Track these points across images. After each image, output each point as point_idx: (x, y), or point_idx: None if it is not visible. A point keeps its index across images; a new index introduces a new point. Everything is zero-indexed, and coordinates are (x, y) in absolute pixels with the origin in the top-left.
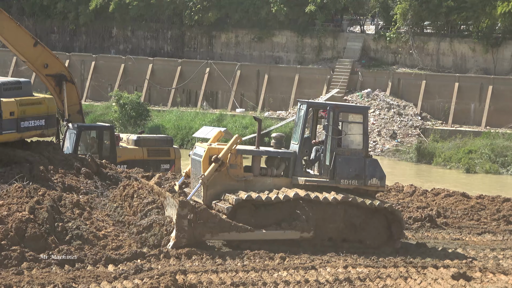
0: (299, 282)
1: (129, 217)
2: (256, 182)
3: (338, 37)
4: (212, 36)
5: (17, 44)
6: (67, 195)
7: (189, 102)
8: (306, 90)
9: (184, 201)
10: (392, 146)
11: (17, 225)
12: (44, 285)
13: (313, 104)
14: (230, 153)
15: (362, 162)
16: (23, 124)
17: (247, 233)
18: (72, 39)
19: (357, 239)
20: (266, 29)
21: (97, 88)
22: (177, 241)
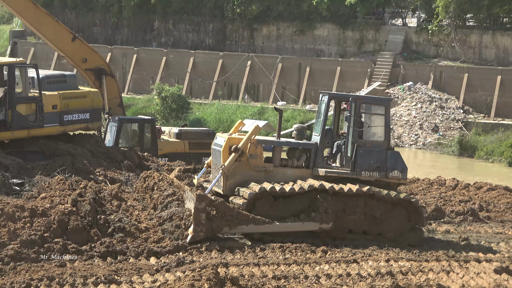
0: (340, 275)
1: (150, 209)
2: (277, 173)
3: (380, 30)
4: (254, 29)
5: (55, 39)
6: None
7: (230, 95)
8: (347, 83)
9: (201, 194)
10: (434, 139)
11: (59, 217)
12: (87, 278)
13: (335, 95)
14: (250, 143)
15: (383, 154)
16: (66, 117)
17: (266, 225)
18: (114, 32)
19: (377, 231)
20: (308, 22)
21: (138, 81)
22: (194, 234)
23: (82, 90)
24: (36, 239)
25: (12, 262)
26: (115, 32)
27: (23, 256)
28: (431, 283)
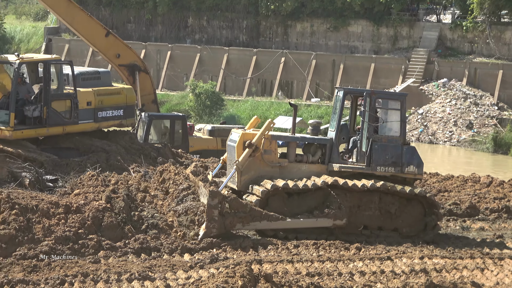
0: (374, 272)
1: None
2: (291, 169)
3: (414, 26)
4: (288, 25)
5: (88, 35)
6: (133, 181)
7: (264, 91)
8: (381, 79)
9: (214, 191)
10: (468, 136)
11: (94, 214)
12: (121, 274)
13: (350, 90)
14: (264, 139)
15: (399, 149)
16: (100, 114)
17: (279, 222)
18: (148, 29)
19: (392, 226)
20: (342, 18)
21: (172, 77)
22: (207, 231)
23: (116, 87)
24: (70, 235)
25: (46, 258)
26: (149, 29)
27: (57, 252)
28: (465, 280)
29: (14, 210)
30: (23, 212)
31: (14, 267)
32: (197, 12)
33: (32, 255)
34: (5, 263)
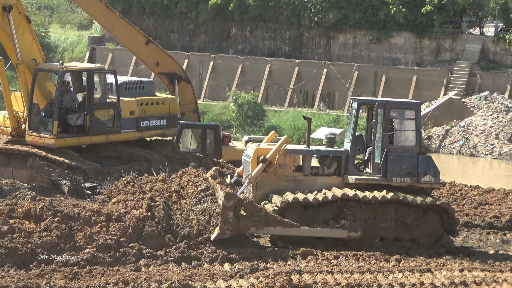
0: (414, 284)
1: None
2: (307, 182)
3: (457, 38)
4: (330, 37)
5: (128, 42)
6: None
7: (305, 102)
8: (423, 92)
9: (230, 193)
10: (510, 149)
11: (135, 223)
12: (161, 282)
13: (364, 101)
14: (279, 154)
15: (415, 159)
16: (143, 123)
17: (293, 229)
18: (191, 39)
19: (409, 237)
20: (384, 30)
21: (215, 87)
22: (220, 232)
23: (160, 97)
24: (112, 243)
25: (87, 266)
26: (192, 39)
27: (99, 260)
28: None
29: (57, 218)
30: (65, 219)
31: (56, 274)
32: (240, 22)
33: (73, 262)
34: (47, 269)
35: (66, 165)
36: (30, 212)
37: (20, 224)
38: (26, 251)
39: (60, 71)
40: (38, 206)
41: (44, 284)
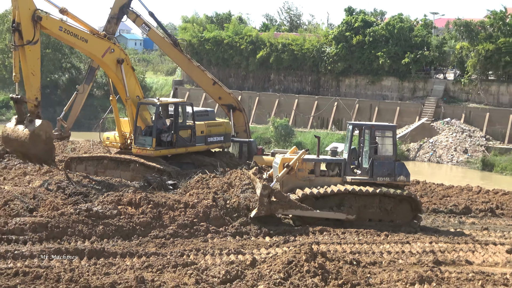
0: (397, 252)
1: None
2: (317, 180)
3: (427, 81)
4: (339, 80)
5: (201, 83)
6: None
7: (322, 125)
8: (404, 118)
9: (266, 184)
10: (464, 158)
11: (204, 209)
12: (222, 250)
13: (357, 124)
14: (298, 162)
15: (392, 165)
16: (209, 139)
17: (308, 211)
18: (243, 82)
19: (389, 219)
20: (377, 75)
21: (259, 115)
22: (258, 212)
23: (219, 121)
24: (188, 223)
25: (171, 238)
26: (244, 82)
27: (179, 234)
28: (461, 259)
29: (150, 205)
30: (156, 206)
31: (149, 243)
32: (276, 70)
33: (161, 235)
34: (144, 240)
35: (157, 168)
36: (131, 201)
37: (125, 209)
38: (129, 228)
39: (157, 104)
40: (137, 196)
41: (141, 250)
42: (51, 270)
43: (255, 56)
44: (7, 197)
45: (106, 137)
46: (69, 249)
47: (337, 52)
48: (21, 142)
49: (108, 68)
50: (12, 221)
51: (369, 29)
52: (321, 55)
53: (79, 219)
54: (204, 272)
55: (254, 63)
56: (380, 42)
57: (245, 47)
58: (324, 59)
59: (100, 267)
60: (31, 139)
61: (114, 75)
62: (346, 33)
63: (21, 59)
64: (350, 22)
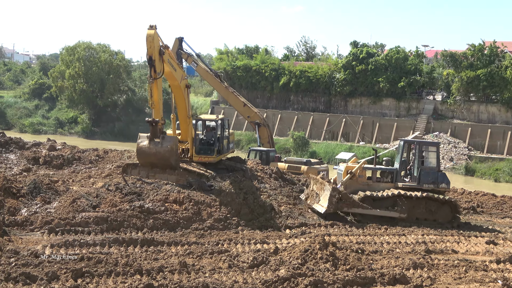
0: (395, 242)
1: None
2: (374, 185)
3: (419, 101)
4: (347, 100)
5: (234, 105)
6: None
7: (332, 138)
8: (400, 132)
9: (335, 187)
10: (450, 165)
11: (235, 207)
12: (250, 240)
13: (407, 140)
14: (359, 169)
15: (436, 174)
16: (230, 146)
17: (368, 210)
18: (268, 101)
19: (433, 218)
20: (378, 97)
21: (281, 129)
22: (327, 209)
23: (231, 131)
24: (222, 217)
25: (208, 230)
26: (268, 102)
27: (215, 227)
28: (448, 248)
29: (191, 202)
30: (196, 204)
31: (190, 234)
32: (295, 92)
33: (200, 228)
34: (186, 232)
35: (197, 172)
36: (176, 199)
37: (171, 206)
38: (174, 221)
39: (216, 120)
40: (181, 195)
41: (184, 240)
42: (110, 256)
43: (278, 81)
44: (74, 196)
45: None
46: (125, 239)
47: (345, 77)
48: (160, 155)
49: (180, 91)
50: (78, 215)
51: (371, 59)
52: (332, 80)
53: (133, 214)
54: (236, 258)
55: (277, 87)
56: (380, 70)
57: (269, 73)
58: (335, 83)
59: (150, 254)
60: (170, 151)
61: (182, 97)
62: (353, 62)
63: (154, 88)
64: (356, 54)
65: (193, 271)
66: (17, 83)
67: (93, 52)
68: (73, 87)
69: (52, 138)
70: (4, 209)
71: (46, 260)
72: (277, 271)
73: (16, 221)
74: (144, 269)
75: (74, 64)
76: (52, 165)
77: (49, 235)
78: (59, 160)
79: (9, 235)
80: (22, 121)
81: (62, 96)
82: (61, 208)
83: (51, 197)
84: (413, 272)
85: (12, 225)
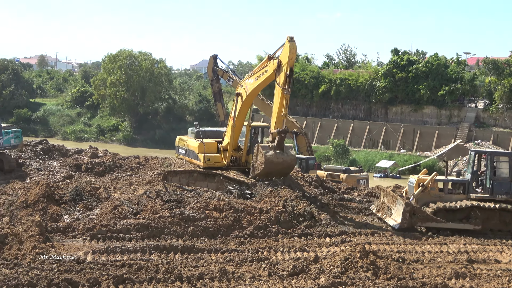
0: (436, 251)
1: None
2: (446, 197)
3: (461, 109)
4: (387, 108)
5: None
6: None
7: (372, 145)
8: (441, 140)
9: (408, 202)
10: None
11: (275, 214)
12: (290, 248)
13: (478, 151)
14: (431, 182)
15: (509, 185)
16: None
17: (442, 223)
18: (308, 109)
19: (508, 229)
20: (419, 104)
21: (321, 137)
22: (401, 225)
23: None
24: (262, 225)
25: (248, 238)
26: (308, 109)
27: (254, 234)
28: (491, 258)
29: (231, 210)
30: (236, 211)
31: (230, 242)
32: (335, 100)
33: (240, 235)
34: (226, 239)
35: (237, 180)
36: (216, 206)
37: (211, 213)
38: (214, 229)
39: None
40: (221, 203)
41: (224, 247)
42: (151, 262)
43: (318, 89)
44: (116, 203)
45: (207, 158)
46: (165, 246)
47: (386, 85)
48: (287, 164)
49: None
50: (120, 222)
51: (412, 66)
52: (372, 87)
53: (174, 221)
54: (275, 266)
55: (317, 94)
56: (421, 77)
57: (309, 81)
58: (375, 91)
59: (191, 261)
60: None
61: (248, 106)
62: (393, 70)
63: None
64: (397, 61)
65: (233, 279)
66: (60, 91)
67: (135, 60)
68: (115, 95)
69: (94, 145)
70: (47, 215)
71: (88, 267)
72: (317, 279)
73: (58, 227)
74: (184, 276)
75: (115, 72)
76: (94, 172)
77: (91, 242)
78: (100, 167)
79: (52, 241)
80: (65, 128)
81: (104, 103)
82: (103, 214)
83: (92, 204)
84: (455, 282)
85: (54, 232)
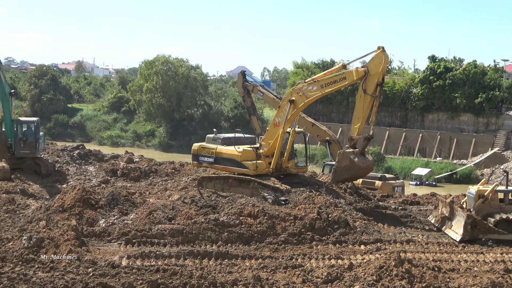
0: (473, 260)
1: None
2: (507, 208)
3: (499, 117)
4: (423, 115)
5: (302, 126)
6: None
7: (408, 153)
8: (479, 148)
9: (470, 214)
10: None
11: (310, 221)
12: (324, 255)
13: None
14: (491, 192)
15: None
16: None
17: (504, 235)
18: (344, 116)
19: None
20: (456, 112)
21: None
22: (462, 237)
23: None
24: (297, 232)
25: (283, 244)
26: (344, 116)
27: (289, 241)
28: None
29: (266, 216)
30: (271, 217)
31: (264, 248)
32: None
33: (274, 242)
34: (260, 246)
35: (271, 187)
36: (251, 213)
37: (245, 219)
38: (248, 235)
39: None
40: (255, 209)
41: (258, 254)
42: (185, 268)
43: (354, 96)
44: (151, 208)
45: (256, 165)
46: (200, 251)
47: (422, 92)
48: (369, 169)
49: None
50: (154, 227)
51: (449, 74)
52: (409, 94)
53: (208, 227)
54: (310, 273)
55: (353, 101)
56: (458, 84)
57: (345, 87)
58: (411, 98)
59: (225, 267)
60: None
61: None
62: (430, 77)
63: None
64: (433, 68)
65: (267, 285)
66: (97, 96)
67: (171, 66)
68: (151, 100)
69: (130, 150)
70: (83, 220)
71: (123, 271)
72: (352, 287)
73: (94, 232)
74: (218, 282)
75: (152, 78)
76: (129, 177)
77: (126, 246)
78: (136, 172)
79: (87, 246)
80: (101, 133)
81: (140, 109)
82: (138, 219)
83: (128, 208)
84: None
85: (90, 236)
